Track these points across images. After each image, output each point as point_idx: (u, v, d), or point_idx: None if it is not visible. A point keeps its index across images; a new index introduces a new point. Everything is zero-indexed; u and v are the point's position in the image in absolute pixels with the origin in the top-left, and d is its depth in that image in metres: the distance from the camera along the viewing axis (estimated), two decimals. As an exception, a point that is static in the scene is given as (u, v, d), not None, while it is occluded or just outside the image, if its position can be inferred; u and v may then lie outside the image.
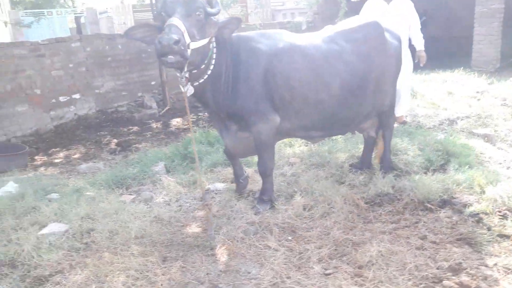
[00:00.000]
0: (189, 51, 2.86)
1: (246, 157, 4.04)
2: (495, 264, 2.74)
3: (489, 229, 3.12)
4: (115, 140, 6.51)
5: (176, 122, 7.77)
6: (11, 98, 6.77)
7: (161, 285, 2.71)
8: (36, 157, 5.97)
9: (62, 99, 7.56)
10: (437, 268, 2.71)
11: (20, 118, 6.92)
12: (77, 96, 7.80)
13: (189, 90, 3.26)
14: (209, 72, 3.27)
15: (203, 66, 3.22)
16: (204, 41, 3.07)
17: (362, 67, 3.64)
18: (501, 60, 11.08)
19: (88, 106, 8.04)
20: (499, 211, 3.32)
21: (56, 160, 5.75)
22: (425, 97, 7.33)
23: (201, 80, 3.27)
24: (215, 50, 3.28)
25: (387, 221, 3.41)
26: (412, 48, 5.71)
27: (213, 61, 3.27)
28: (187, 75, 3.09)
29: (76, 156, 5.90)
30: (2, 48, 6.62)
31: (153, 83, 9.41)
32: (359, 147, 4.79)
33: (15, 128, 6.88)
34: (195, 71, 3.19)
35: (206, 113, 8.21)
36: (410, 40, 5.72)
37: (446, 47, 13.17)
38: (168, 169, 4.89)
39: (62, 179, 4.72)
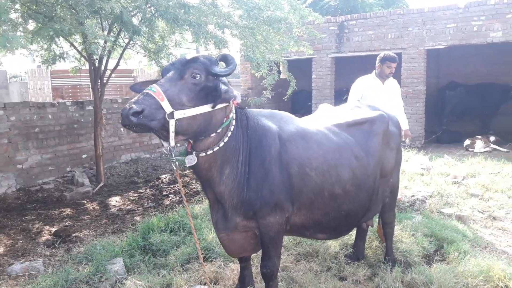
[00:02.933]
0: (171, 121, 2.42)
1: (238, 256, 3.41)
2: None
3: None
4: (49, 228, 5.41)
5: (115, 201, 6.82)
6: None
7: None
8: None
9: (-25, 176, 6.31)
10: None
11: None
12: (-6, 172, 6.58)
13: (190, 159, 2.69)
14: (221, 144, 2.73)
15: (214, 134, 2.70)
16: (203, 108, 2.56)
17: (372, 162, 3.38)
18: (425, 136, 11.90)
19: (7, 183, 6.80)
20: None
21: (-27, 258, 4.53)
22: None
23: (210, 152, 2.71)
24: (233, 121, 2.80)
25: (417, 328, 2.97)
26: None
27: (229, 133, 2.76)
28: (191, 141, 2.68)
29: (0, 250, 4.72)
30: None
31: (84, 156, 8.39)
32: (349, 234, 4.41)
33: None
34: (202, 137, 2.67)
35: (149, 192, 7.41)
36: None
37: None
38: (128, 267, 4.04)
39: (-11, 288, 3.63)
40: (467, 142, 10.77)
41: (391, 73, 5.50)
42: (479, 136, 10.86)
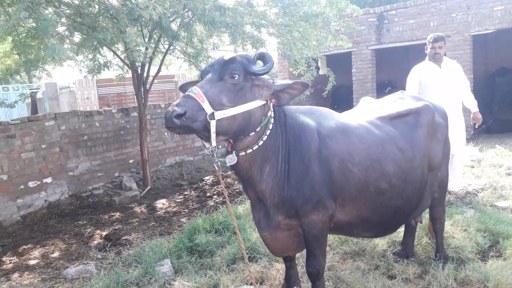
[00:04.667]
0: (212, 122, 2.44)
1: (282, 255, 3.40)
2: None
3: None
4: (100, 232, 5.63)
5: (162, 204, 6.99)
6: (-28, 187, 5.82)
7: None
8: (4, 258, 4.96)
9: (31, 184, 6.66)
10: None
11: (-19, 209, 5.93)
12: (48, 180, 6.91)
13: (231, 159, 2.71)
14: (260, 142, 2.73)
15: (253, 133, 2.70)
16: (242, 108, 2.57)
17: (417, 155, 3.26)
18: (473, 127, 11.36)
19: (61, 190, 7.14)
20: None
21: (32, 262, 4.78)
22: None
23: (249, 151, 2.72)
24: (272, 120, 2.78)
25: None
26: None
27: (268, 131, 2.75)
28: (231, 141, 2.70)
29: (56, 254, 4.95)
30: (-32, 130, 5.79)
31: (131, 161, 8.67)
32: (396, 232, 4.28)
33: (-26, 222, 5.87)
34: (242, 136, 2.68)
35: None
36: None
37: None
38: (176, 268, 4.12)
39: (47, 291, 3.82)
40: (521, 130, 10.20)
41: (436, 54, 5.28)
42: (534, 124, 10.26)
